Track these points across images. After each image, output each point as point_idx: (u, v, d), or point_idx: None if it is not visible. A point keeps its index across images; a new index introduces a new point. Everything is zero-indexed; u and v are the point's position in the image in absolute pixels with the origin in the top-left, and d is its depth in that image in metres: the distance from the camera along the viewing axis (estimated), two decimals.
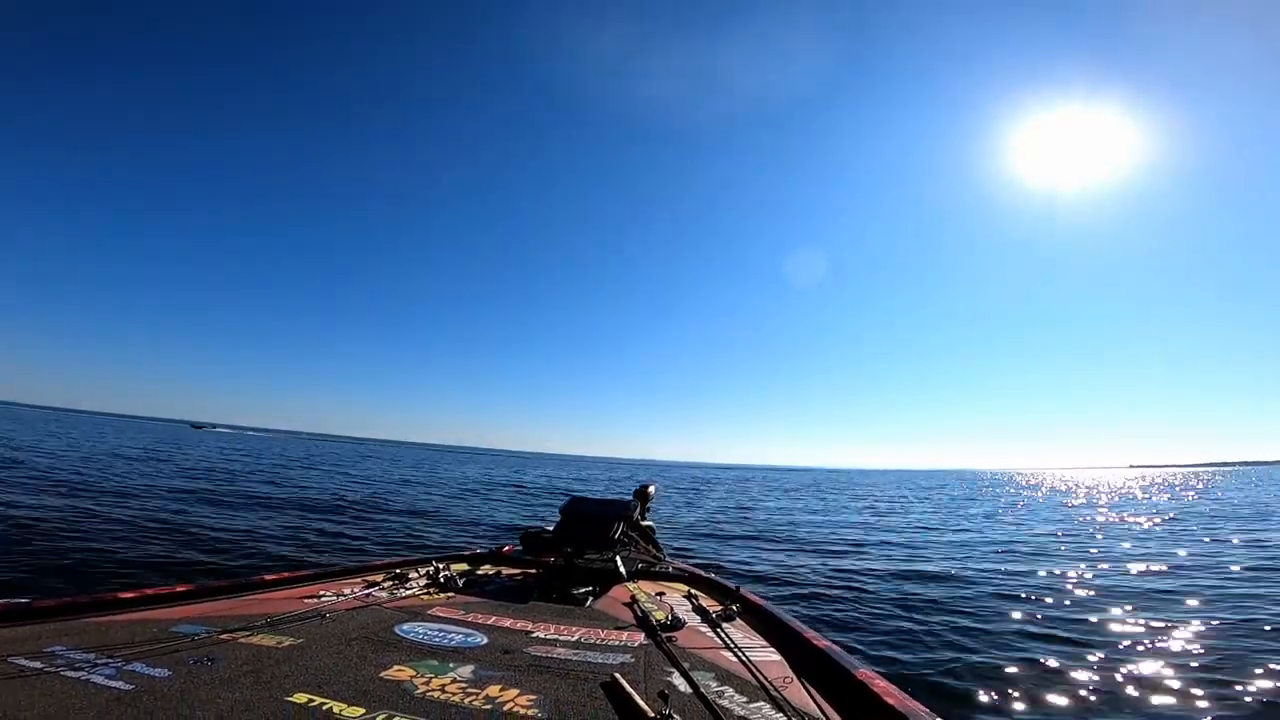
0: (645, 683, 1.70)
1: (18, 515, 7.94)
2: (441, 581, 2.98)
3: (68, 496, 10.16)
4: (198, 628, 1.95)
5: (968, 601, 6.44)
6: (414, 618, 2.32)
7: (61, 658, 1.60)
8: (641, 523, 4.21)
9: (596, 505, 4.05)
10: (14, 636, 1.79)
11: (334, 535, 9.18)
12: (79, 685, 1.43)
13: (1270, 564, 8.86)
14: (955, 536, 12.74)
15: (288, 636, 1.94)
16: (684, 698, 1.61)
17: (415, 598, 2.73)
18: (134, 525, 8.19)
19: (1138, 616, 5.88)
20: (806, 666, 1.97)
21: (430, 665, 1.75)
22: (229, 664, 1.64)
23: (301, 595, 2.60)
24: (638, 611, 2.57)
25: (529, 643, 2.07)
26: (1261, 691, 3.99)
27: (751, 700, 1.63)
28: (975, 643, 5.00)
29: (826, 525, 14.75)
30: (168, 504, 10.53)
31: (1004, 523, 16.03)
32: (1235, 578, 7.91)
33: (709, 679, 1.77)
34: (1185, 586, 7.33)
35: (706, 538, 11.67)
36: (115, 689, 1.42)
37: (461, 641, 2.04)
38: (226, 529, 8.65)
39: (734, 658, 2.00)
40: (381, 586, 2.83)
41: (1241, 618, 5.78)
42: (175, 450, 28.62)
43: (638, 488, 4.62)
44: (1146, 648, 4.97)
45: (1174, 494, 32.60)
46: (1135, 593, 7.01)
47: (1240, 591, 7.02)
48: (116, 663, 1.58)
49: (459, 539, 9.94)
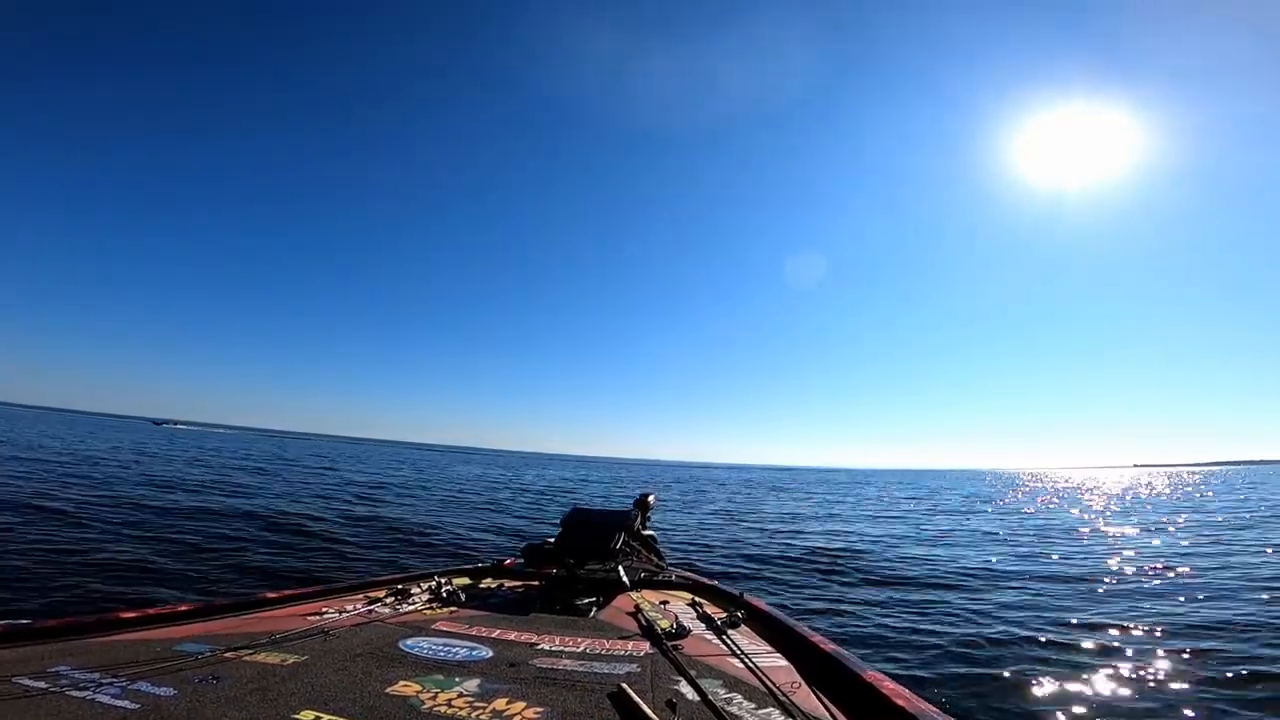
0: (653, 692, 1.70)
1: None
2: (444, 596, 2.97)
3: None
4: (201, 646, 1.94)
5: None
6: (418, 633, 2.31)
7: (66, 678, 1.59)
8: (643, 532, 4.21)
9: (597, 515, 4.06)
10: (17, 657, 1.78)
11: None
12: (84, 705, 1.43)
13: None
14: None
15: (292, 654, 1.94)
16: (692, 706, 1.61)
17: (418, 613, 2.72)
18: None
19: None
20: (814, 671, 1.97)
21: (436, 680, 1.75)
22: (234, 682, 1.64)
23: (304, 612, 2.59)
24: (642, 620, 2.57)
25: (534, 655, 2.07)
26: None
27: (760, 706, 1.63)
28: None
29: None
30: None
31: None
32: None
33: (717, 686, 1.77)
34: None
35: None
36: (121, 708, 1.42)
37: (466, 655, 2.03)
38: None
39: (741, 664, 2.00)
40: (384, 602, 2.82)
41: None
42: (115, 449, 26.56)
43: (638, 497, 4.62)
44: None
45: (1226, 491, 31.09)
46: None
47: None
48: (121, 682, 1.58)
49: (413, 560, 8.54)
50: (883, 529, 14.67)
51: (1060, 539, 12.49)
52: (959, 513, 20.26)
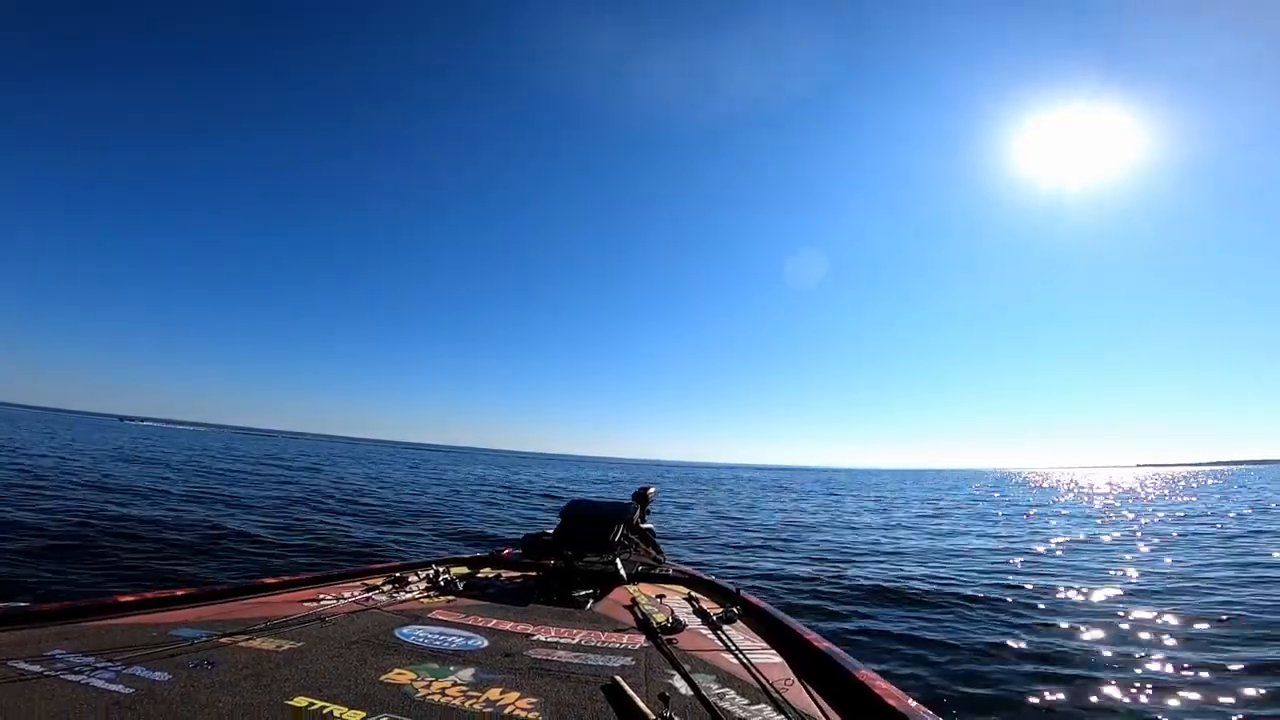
0: (646, 685, 1.70)
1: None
2: (441, 585, 2.97)
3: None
4: (197, 631, 1.95)
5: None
6: (414, 621, 2.31)
7: (61, 661, 1.59)
8: (641, 525, 4.21)
9: (596, 508, 4.05)
10: (14, 640, 1.78)
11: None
12: (79, 689, 1.43)
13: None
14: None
15: (287, 640, 1.94)
16: (685, 700, 1.60)
17: (415, 601, 2.72)
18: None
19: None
20: (807, 668, 1.97)
21: (431, 668, 1.75)
22: (229, 668, 1.64)
23: (301, 599, 2.59)
24: (638, 614, 2.56)
25: (530, 645, 2.07)
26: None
27: (753, 702, 1.62)
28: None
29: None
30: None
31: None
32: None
33: (710, 681, 1.77)
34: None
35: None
36: (115, 692, 1.42)
37: (462, 645, 2.03)
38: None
39: (735, 660, 2.00)
40: (381, 590, 2.82)
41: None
42: (65, 443, 25.54)
43: (636, 490, 4.62)
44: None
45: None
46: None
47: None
48: (116, 666, 1.58)
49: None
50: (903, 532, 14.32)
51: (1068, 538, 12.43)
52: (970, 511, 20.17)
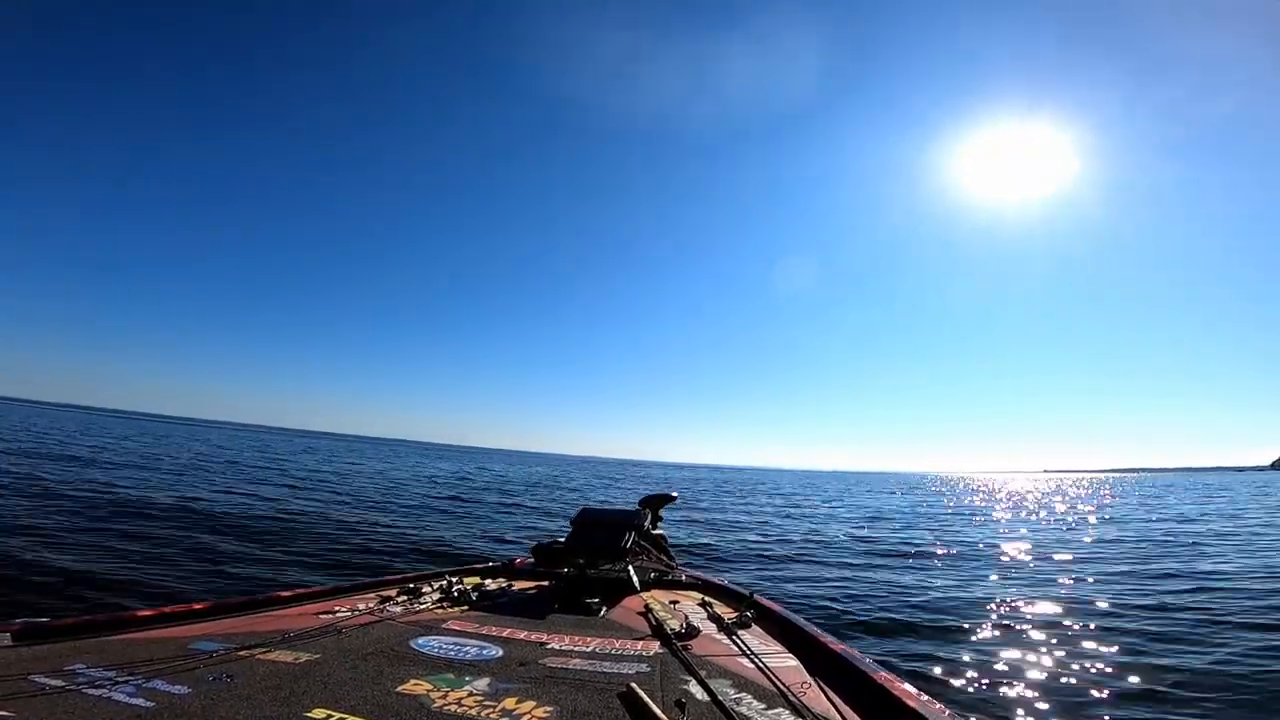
0: (662, 692, 1.69)
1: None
2: (455, 595, 2.98)
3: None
4: (215, 645, 1.96)
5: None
6: (429, 631, 2.31)
7: (82, 676, 1.61)
8: (653, 531, 4.19)
9: (607, 515, 4.04)
10: (35, 655, 1.81)
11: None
12: (101, 703, 1.44)
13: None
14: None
15: (304, 652, 1.95)
16: (701, 706, 1.60)
17: (429, 611, 2.72)
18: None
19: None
20: (825, 671, 1.95)
21: (447, 679, 1.75)
22: (248, 681, 1.65)
23: (316, 611, 2.60)
24: (652, 620, 2.55)
25: (544, 654, 2.06)
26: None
27: (770, 707, 1.61)
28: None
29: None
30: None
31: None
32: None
33: (726, 686, 1.75)
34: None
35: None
36: (136, 706, 1.43)
37: (477, 654, 2.03)
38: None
39: (751, 664, 1.99)
40: (395, 601, 2.83)
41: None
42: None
43: (645, 496, 4.60)
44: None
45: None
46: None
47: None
48: (137, 680, 1.59)
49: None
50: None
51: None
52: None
